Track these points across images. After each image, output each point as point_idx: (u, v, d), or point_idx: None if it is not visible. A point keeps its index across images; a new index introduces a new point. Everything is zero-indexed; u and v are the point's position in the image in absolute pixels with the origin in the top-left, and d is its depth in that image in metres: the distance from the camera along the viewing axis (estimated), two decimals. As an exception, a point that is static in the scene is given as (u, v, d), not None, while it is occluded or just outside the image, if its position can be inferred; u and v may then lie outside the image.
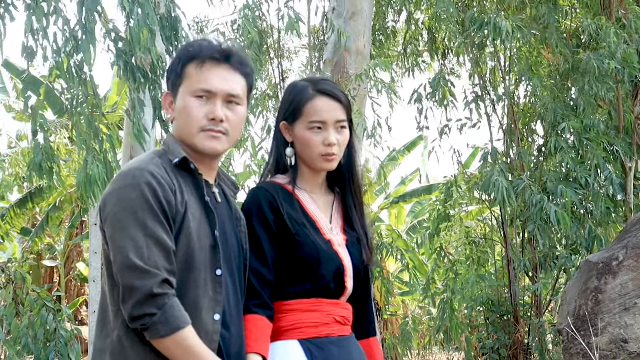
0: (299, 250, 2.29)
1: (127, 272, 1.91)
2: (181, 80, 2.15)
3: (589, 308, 5.14)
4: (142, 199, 1.96)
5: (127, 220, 1.95)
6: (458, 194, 8.64)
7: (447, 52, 9.21)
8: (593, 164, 7.11)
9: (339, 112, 2.38)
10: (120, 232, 1.95)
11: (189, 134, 2.14)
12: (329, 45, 8.69)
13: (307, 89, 2.39)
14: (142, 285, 1.89)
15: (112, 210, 1.98)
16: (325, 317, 2.32)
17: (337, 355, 2.30)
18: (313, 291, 2.31)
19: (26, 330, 6.12)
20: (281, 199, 2.32)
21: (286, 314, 2.29)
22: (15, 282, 6.74)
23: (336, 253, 2.34)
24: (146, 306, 1.89)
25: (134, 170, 2.01)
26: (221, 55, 2.16)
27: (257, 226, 2.28)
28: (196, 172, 2.13)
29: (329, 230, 2.38)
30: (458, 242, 9.22)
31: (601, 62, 6.89)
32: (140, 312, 1.90)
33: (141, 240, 1.93)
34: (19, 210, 12.80)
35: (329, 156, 2.36)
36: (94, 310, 9.93)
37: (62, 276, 15.43)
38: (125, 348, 1.96)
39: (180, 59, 2.18)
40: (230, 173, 8.62)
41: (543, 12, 7.55)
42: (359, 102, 8.05)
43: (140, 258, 1.91)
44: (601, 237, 7.23)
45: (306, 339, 2.28)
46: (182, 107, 2.14)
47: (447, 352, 10.37)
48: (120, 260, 1.93)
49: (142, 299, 1.89)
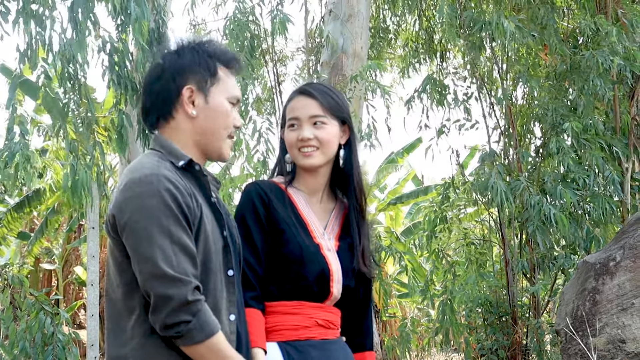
0: (283, 247, 2.30)
1: (159, 282, 1.88)
2: (215, 80, 2.12)
3: (586, 309, 5.14)
4: (164, 205, 1.92)
5: (152, 228, 1.90)
6: (456, 195, 8.64)
7: (445, 53, 9.22)
8: (592, 164, 7.12)
9: (313, 109, 2.39)
10: (146, 241, 1.90)
11: (218, 137, 2.12)
12: (326, 48, 8.69)
13: (292, 93, 2.45)
14: (176, 294, 1.87)
15: (133, 218, 1.92)
16: (307, 320, 2.31)
17: (317, 358, 2.29)
18: (295, 293, 2.30)
19: (24, 334, 6.10)
20: (272, 195, 2.34)
21: (267, 316, 2.28)
22: (12, 286, 6.72)
23: (323, 257, 2.33)
24: (182, 314, 1.88)
25: (150, 176, 1.95)
26: (240, 66, 2.21)
27: (250, 220, 2.29)
28: (202, 174, 2.11)
29: (320, 234, 2.38)
30: (456, 244, 9.22)
31: (604, 59, 6.90)
32: (175, 320, 1.88)
33: (169, 249, 1.90)
34: (16, 214, 12.78)
35: (306, 152, 2.36)
36: (92, 314, 9.91)
37: (61, 280, 15.41)
38: (150, 355, 1.94)
39: (214, 59, 2.14)
40: (228, 176, 8.62)
41: (541, 14, 7.56)
42: (355, 105, 8.05)
43: (171, 267, 1.88)
44: (599, 238, 7.24)
45: (285, 342, 2.27)
46: (217, 108, 2.11)
47: (446, 353, 10.37)
48: (150, 270, 1.89)
49: (177, 307, 1.88)
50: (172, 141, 2.10)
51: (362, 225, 2.46)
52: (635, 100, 7.80)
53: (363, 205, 2.46)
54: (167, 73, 2.11)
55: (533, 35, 7.40)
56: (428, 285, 9.17)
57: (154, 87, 2.14)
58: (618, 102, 7.67)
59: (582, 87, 7.16)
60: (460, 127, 8.44)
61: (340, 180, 2.47)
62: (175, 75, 2.10)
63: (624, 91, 7.78)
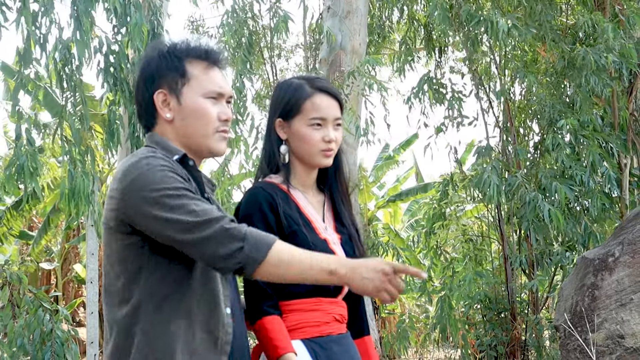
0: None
1: (191, 232, 1.88)
2: (185, 80, 2.11)
3: (585, 304, 5.14)
4: (168, 176, 1.93)
5: (165, 196, 1.90)
6: (454, 191, 8.65)
7: (443, 49, 9.22)
8: (589, 160, 7.12)
9: (337, 110, 2.41)
10: (164, 208, 1.90)
11: (201, 135, 2.11)
12: (325, 45, 8.69)
13: (304, 86, 2.41)
14: (213, 231, 1.87)
15: (140, 196, 1.92)
16: (326, 316, 2.33)
17: (339, 353, 2.32)
18: (314, 291, 2.31)
19: (22, 331, 6.10)
20: (279, 199, 2.33)
21: (289, 314, 2.29)
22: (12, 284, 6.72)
23: (332, 252, 2.34)
24: (229, 244, 1.88)
25: (145, 158, 1.97)
26: (218, 58, 2.16)
27: (260, 227, 2.27)
28: (195, 169, 2.10)
29: (323, 229, 2.39)
30: (455, 241, 9.23)
31: (599, 56, 6.91)
32: (227, 252, 1.88)
33: (189, 203, 1.90)
34: (16, 212, 12.78)
35: (328, 152, 2.38)
36: (91, 312, 9.92)
37: (60, 278, 15.42)
38: (149, 313, 1.95)
39: (182, 58, 2.12)
40: (226, 174, 8.61)
41: (539, 10, 7.56)
42: (352, 101, 8.05)
43: (196, 215, 1.88)
44: (597, 234, 7.25)
45: (309, 339, 2.29)
46: (191, 107, 2.10)
47: (445, 349, 10.37)
48: (179, 227, 1.89)
49: (222, 239, 1.87)
50: (165, 140, 2.12)
51: (351, 214, 2.50)
52: (633, 96, 7.80)
53: (348, 197, 2.50)
54: (140, 82, 2.15)
55: (531, 31, 7.40)
56: (426, 282, 9.18)
57: (136, 98, 2.18)
58: (617, 98, 7.67)
59: (579, 83, 7.17)
60: (458, 124, 8.45)
61: (323, 173, 2.49)
62: (147, 82, 2.12)
63: (622, 87, 7.78)
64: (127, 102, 6.03)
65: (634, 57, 7.06)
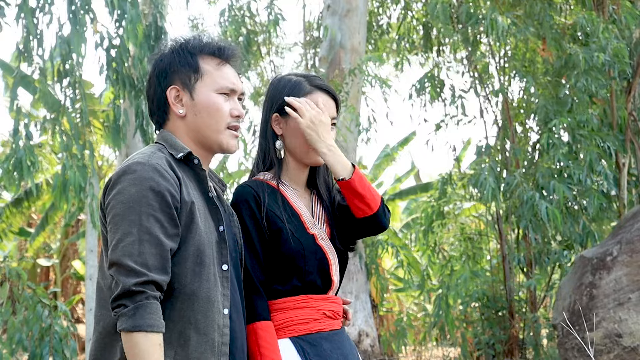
0: (282, 246, 2.29)
1: (115, 268, 1.92)
2: (199, 76, 2.13)
3: (583, 303, 5.16)
4: (141, 194, 1.94)
5: (124, 216, 1.93)
6: (453, 190, 8.66)
7: (441, 48, 9.22)
8: (587, 160, 7.13)
9: (333, 110, 2.42)
10: (116, 227, 1.94)
11: (213, 131, 2.12)
12: (325, 43, 8.70)
13: (303, 83, 2.41)
14: (124, 282, 1.89)
15: (112, 204, 1.96)
16: (315, 312, 2.33)
17: (329, 350, 2.31)
18: (301, 288, 2.31)
19: (21, 326, 6.10)
20: (266, 195, 2.33)
21: (276, 313, 2.29)
22: (11, 280, 6.72)
23: (320, 247, 2.35)
24: (123, 299, 1.89)
25: (136, 164, 1.98)
26: (231, 55, 2.19)
27: (249, 225, 2.28)
28: (200, 167, 2.12)
29: (312, 224, 2.39)
30: (453, 239, 9.24)
31: (590, 56, 6.92)
32: (117, 303, 1.90)
33: (134, 237, 1.91)
34: (15, 209, 12.79)
35: None
36: (90, 308, 9.92)
37: (59, 275, 15.41)
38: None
39: (195, 54, 2.14)
40: (225, 172, 8.63)
41: (538, 9, 7.57)
42: (353, 99, 8.06)
43: (130, 256, 1.90)
44: (595, 233, 7.27)
45: (298, 337, 2.28)
46: (204, 103, 2.11)
47: (443, 348, 10.39)
48: (111, 255, 1.93)
49: (122, 293, 1.89)
50: (174, 136, 2.14)
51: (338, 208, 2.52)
52: (632, 96, 7.81)
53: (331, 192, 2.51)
54: (153, 78, 2.16)
55: (530, 30, 7.41)
56: (424, 280, 9.19)
57: (148, 94, 2.20)
58: (615, 98, 7.68)
59: (575, 83, 7.18)
60: (457, 122, 8.47)
61: (311, 171, 2.50)
62: (160, 78, 2.14)
63: (620, 87, 7.79)
64: (130, 97, 6.03)
65: (625, 57, 7.08)
